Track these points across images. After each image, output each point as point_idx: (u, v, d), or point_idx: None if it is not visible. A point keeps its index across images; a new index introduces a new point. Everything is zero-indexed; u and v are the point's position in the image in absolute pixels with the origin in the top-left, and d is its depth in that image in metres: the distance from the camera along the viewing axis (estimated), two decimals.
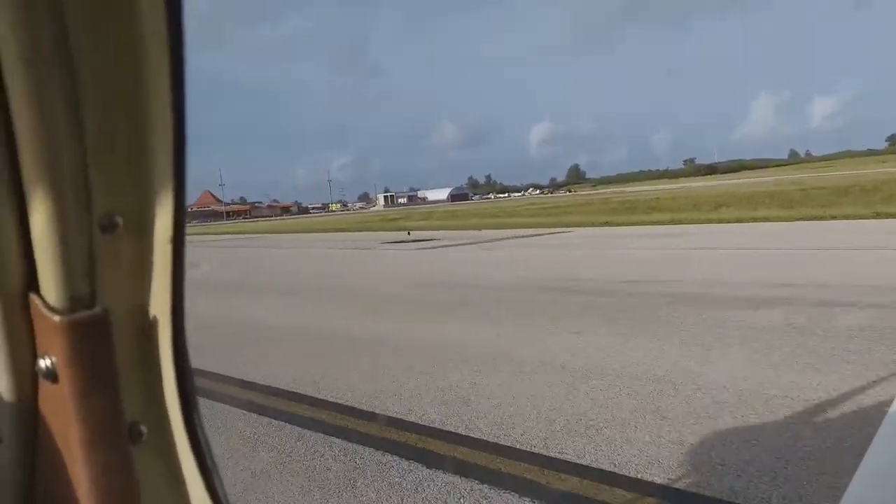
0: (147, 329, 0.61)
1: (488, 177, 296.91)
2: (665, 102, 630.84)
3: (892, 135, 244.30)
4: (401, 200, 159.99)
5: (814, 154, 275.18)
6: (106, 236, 0.56)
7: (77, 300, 0.55)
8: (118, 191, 0.56)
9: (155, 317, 0.61)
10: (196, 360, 0.63)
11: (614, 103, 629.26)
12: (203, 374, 5.45)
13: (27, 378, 0.58)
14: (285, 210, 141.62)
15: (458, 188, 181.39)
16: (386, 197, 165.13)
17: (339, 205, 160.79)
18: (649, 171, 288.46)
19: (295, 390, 4.97)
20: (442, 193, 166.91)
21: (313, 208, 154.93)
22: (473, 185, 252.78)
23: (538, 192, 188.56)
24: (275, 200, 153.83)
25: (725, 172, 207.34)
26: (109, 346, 0.57)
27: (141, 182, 0.57)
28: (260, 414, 4.48)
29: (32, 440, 0.60)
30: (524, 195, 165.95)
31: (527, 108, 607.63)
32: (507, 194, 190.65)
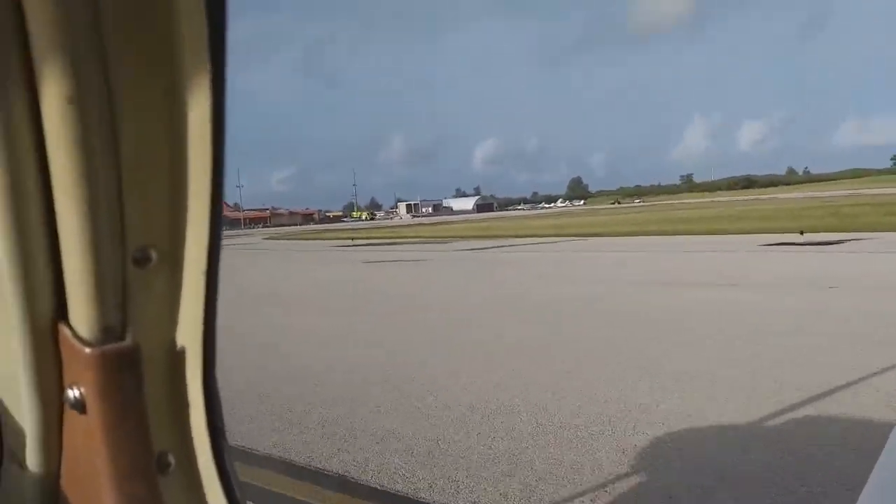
0: (177, 361, 0.61)
1: (477, 188, 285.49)
2: (607, 126, 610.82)
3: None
4: (424, 210, 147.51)
5: (812, 172, 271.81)
6: (139, 269, 0.56)
7: (108, 332, 0.55)
8: (153, 223, 0.56)
9: (185, 349, 0.60)
10: None
11: (558, 126, 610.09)
12: None
13: (53, 408, 0.58)
14: (307, 217, 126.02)
15: (483, 198, 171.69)
16: (408, 206, 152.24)
17: (366, 214, 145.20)
18: (662, 185, 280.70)
19: None
20: (467, 203, 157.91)
21: (335, 217, 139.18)
22: (463, 195, 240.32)
23: (569, 203, 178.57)
24: (273, 207, 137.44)
25: (764, 187, 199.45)
26: (139, 378, 0.57)
27: (177, 215, 0.56)
28: None
29: (56, 470, 0.60)
30: (563, 205, 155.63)
31: (474, 127, 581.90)
32: (531, 205, 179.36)
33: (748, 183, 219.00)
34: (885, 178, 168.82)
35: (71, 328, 0.55)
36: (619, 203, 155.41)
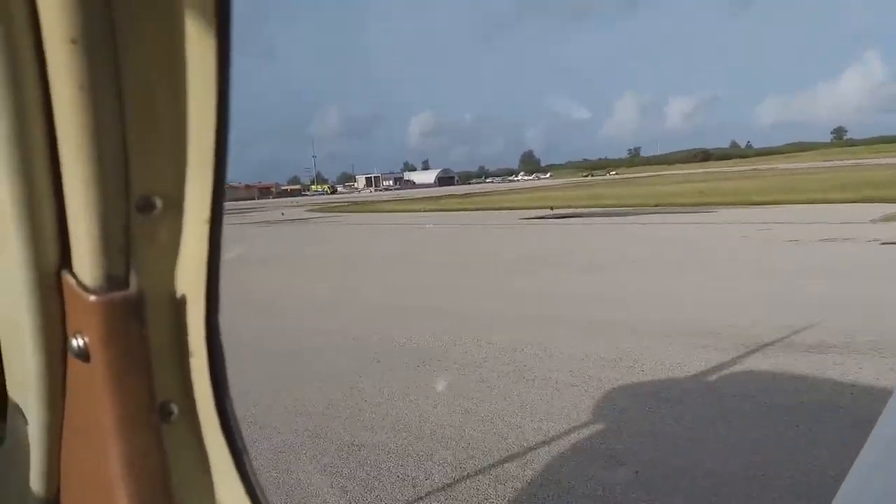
0: (180, 310, 0.60)
1: (425, 162, 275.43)
2: (543, 101, 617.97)
3: (838, 127, 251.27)
4: (386, 183, 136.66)
5: (754, 146, 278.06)
6: (143, 217, 0.55)
7: (111, 280, 0.54)
8: (158, 171, 0.55)
9: (189, 297, 0.60)
10: None
11: (495, 99, 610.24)
12: None
13: (57, 357, 0.58)
14: (264, 191, 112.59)
15: (444, 170, 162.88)
16: (368, 179, 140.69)
17: (328, 187, 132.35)
18: (609, 159, 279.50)
19: None
20: (429, 177, 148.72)
21: (292, 191, 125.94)
22: (411, 169, 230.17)
23: (536, 176, 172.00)
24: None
25: (720, 159, 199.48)
26: (143, 327, 0.56)
27: (181, 164, 0.55)
28: None
29: (60, 419, 0.60)
30: (531, 179, 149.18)
31: (410, 100, 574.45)
32: (503, 178, 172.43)
33: (705, 156, 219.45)
34: (851, 149, 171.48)
35: (75, 276, 0.55)
36: (592, 175, 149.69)
